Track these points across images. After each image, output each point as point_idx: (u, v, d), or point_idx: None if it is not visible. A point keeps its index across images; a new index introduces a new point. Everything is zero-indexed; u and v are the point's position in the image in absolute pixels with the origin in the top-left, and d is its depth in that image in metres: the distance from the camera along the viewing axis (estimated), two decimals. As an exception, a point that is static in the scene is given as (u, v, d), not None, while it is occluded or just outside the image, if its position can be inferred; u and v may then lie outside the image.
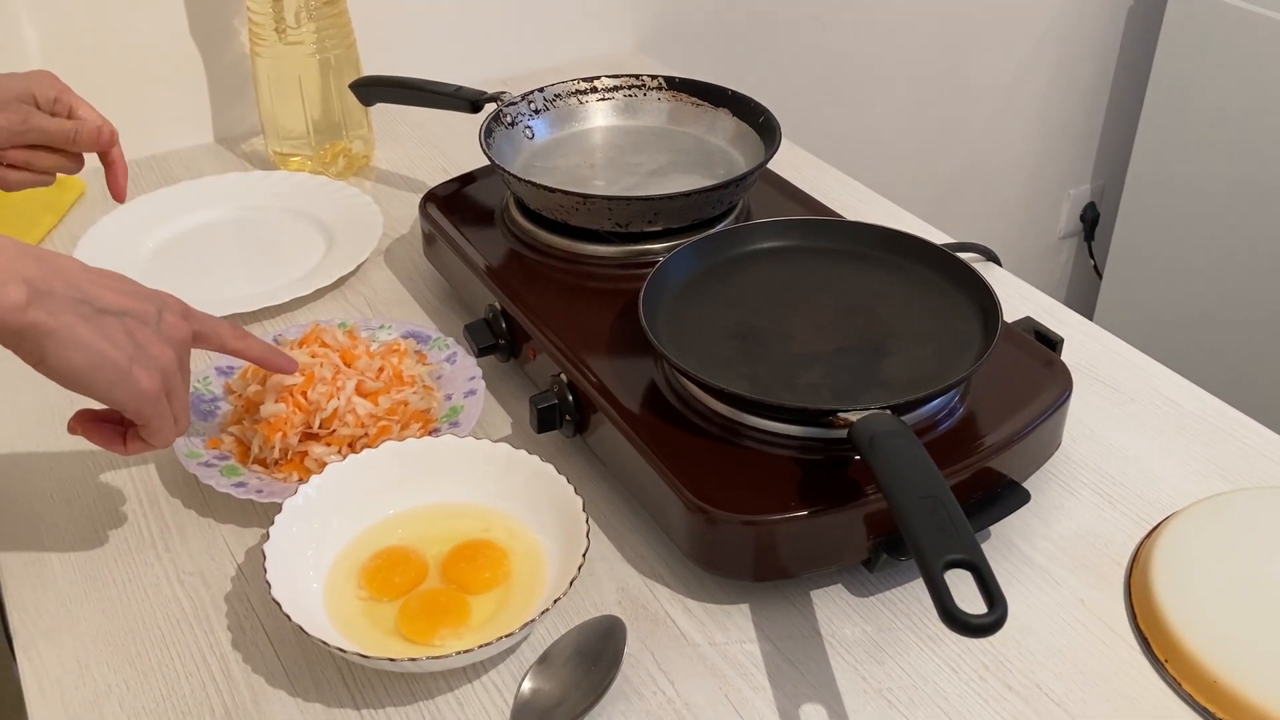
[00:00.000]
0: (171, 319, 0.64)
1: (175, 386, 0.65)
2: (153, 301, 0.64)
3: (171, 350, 0.64)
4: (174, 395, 0.65)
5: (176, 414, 0.66)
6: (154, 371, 0.62)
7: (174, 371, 0.64)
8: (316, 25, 1.06)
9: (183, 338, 0.65)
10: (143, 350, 0.62)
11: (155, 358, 0.62)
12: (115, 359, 0.60)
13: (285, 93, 1.09)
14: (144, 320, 0.62)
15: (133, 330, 0.61)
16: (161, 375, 0.63)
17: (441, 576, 0.66)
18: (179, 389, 0.65)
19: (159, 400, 0.63)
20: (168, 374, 0.63)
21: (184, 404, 0.66)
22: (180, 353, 0.65)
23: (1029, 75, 1.76)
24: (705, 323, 0.75)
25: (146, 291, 0.64)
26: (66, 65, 1.10)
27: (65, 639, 0.66)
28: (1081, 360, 0.85)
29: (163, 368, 0.63)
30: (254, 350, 0.71)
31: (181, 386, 0.65)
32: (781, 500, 0.64)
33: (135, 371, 0.61)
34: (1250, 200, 1.64)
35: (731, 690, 0.63)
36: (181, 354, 0.65)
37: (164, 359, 0.63)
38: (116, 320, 0.61)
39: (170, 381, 0.64)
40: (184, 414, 0.67)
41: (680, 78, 0.99)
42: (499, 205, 0.92)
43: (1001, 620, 0.52)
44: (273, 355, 0.72)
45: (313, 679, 0.64)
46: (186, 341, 0.65)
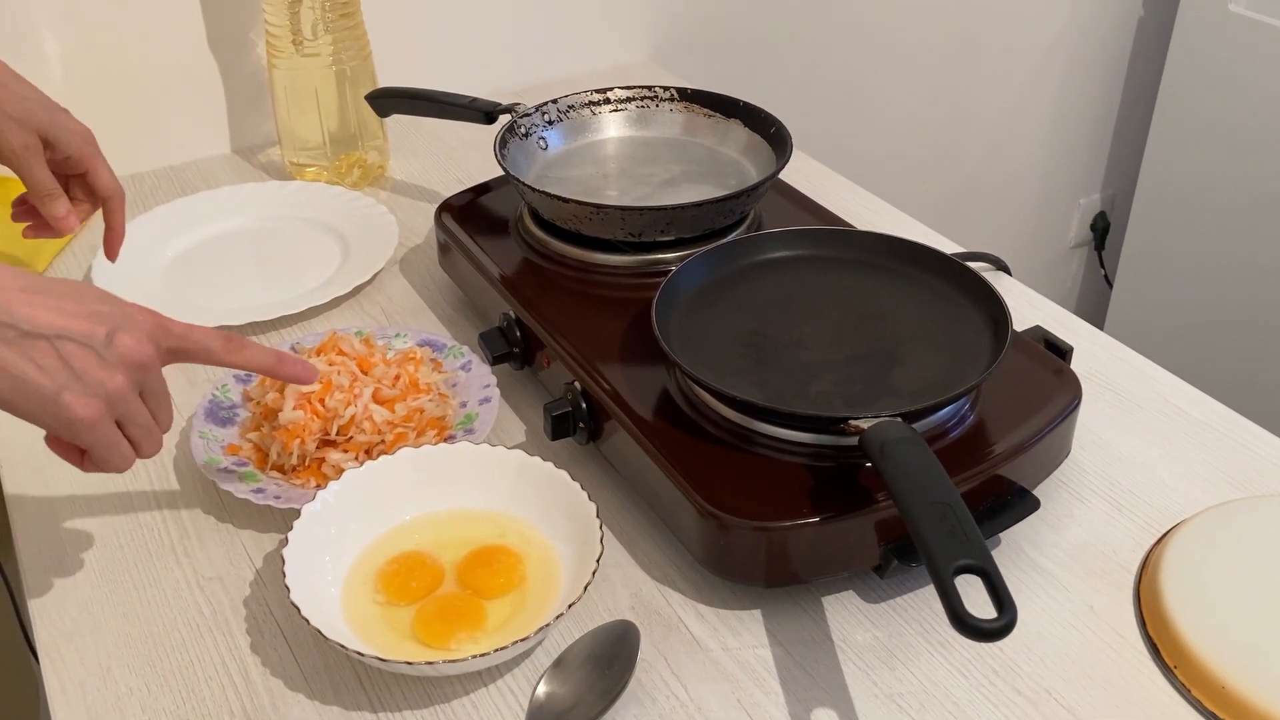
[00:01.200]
0: (127, 340, 0.60)
1: (129, 412, 0.61)
2: (105, 322, 0.59)
3: (121, 374, 0.59)
4: (128, 421, 0.61)
5: (136, 439, 0.62)
6: (91, 398, 0.58)
7: (121, 398, 0.60)
8: (333, 37, 1.07)
9: (139, 359, 0.60)
10: (78, 376, 0.58)
11: (97, 383, 0.58)
12: (39, 384, 0.57)
13: (302, 104, 1.10)
14: (86, 342, 0.58)
15: (69, 355, 0.58)
16: (104, 401, 0.59)
17: (457, 581, 0.67)
18: (134, 414, 0.61)
19: (97, 428, 0.59)
20: (113, 399, 0.59)
21: (146, 428, 0.62)
22: (136, 375, 0.60)
23: (1039, 85, 1.77)
24: (717, 331, 0.75)
25: (101, 310, 0.60)
26: (86, 77, 1.12)
27: (87, 642, 0.67)
28: (1091, 369, 0.86)
29: (107, 394, 0.59)
30: (258, 360, 0.67)
31: (138, 411, 0.61)
32: (793, 507, 0.65)
33: (65, 398, 0.58)
34: (1261, 209, 1.64)
35: (744, 695, 0.63)
36: (138, 376, 0.61)
37: (110, 384, 0.59)
38: (47, 344, 0.57)
39: (120, 407, 0.60)
40: (147, 439, 0.63)
41: (692, 89, 1.00)
42: (513, 215, 0.93)
43: (1011, 625, 0.52)
44: (283, 364, 0.69)
45: (330, 682, 0.64)
46: (146, 363, 0.61)
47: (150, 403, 0.63)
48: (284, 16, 1.06)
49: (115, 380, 0.59)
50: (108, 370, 0.59)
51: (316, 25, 1.06)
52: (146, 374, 0.61)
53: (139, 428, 0.62)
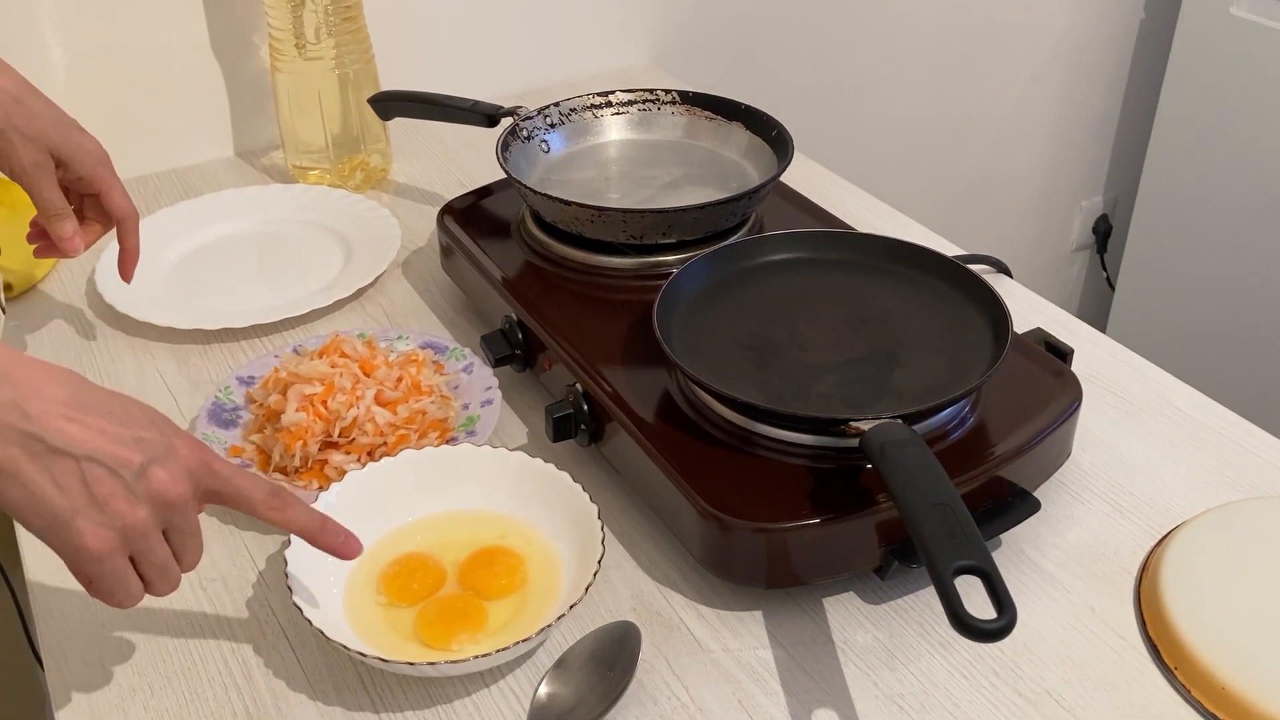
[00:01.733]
0: (161, 474, 0.55)
1: (145, 550, 0.56)
2: (143, 450, 0.55)
3: (146, 509, 0.55)
4: (143, 559, 0.56)
5: (149, 577, 0.57)
6: (105, 530, 0.54)
7: (142, 535, 0.55)
8: (336, 41, 1.08)
9: (170, 497, 0.56)
10: (98, 504, 0.54)
11: (116, 514, 0.54)
12: (55, 504, 0.53)
13: (305, 107, 1.10)
14: (115, 469, 0.54)
15: (94, 479, 0.53)
16: (118, 534, 0.54)
17: (459, 582, 0.68)
18: (152, 554, 0.56)
19: (104, 561, 0.55)
20: (130, 534, 0.55)
21: (162, 568, 0.57)
22: (162, 514, 0.56)
23: (1041, 88, 1.77)
24: (718, 333, 0.76)
25: (144, 438, 0.55)
26: (90, 81, 1.13)
27: (90, 643, 0.68)
28: (1092, 371, 0.86)
29: (124, 526, 0.54)
30: (300, 522, 0.61)
31: (156, 550, 0.56)
32: (794, 508, 0.65)
33: (78, 524, 0.53)
34: (1262, 212, 1.64)
35: (745, 696, 0.63)
36: (164, 515, 0.56)
37: (128, 519, 0.54)
38: (73, 463, 0.53)
39: (137, 544, 0.55)
40: (161, 579, 0.58)
41: (694, 92, 1.00)
42: (515, 218, 0.93)
43: (1011, 625, 0.53)
44: (326, 532, 0.62)
45: (333, 683, 0.65)
46: (177, 503, 0.56)
47: (174, 541, 0.58)
48: (287, 20, 1.06)
49: (137, 515, 0.55)
50: (132, 503, 0.55)
51: (319, 29, 1.07)
52: (174, 512, 0.57)
53: (154, 567, 0.57)
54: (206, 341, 0.93)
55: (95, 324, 0.96)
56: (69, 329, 0.95)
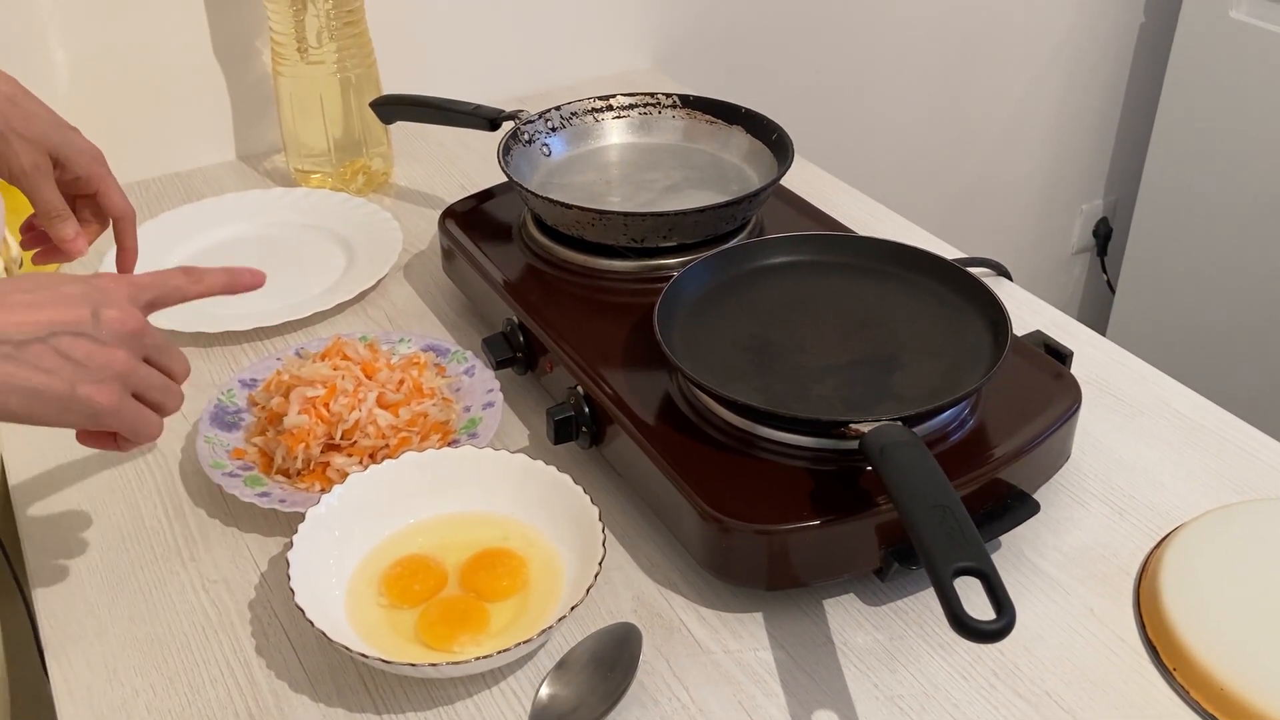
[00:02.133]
0: (112, 313, 0.58)
1: (142, 381, 0.60)
2: (86, 303, 0.58)
3: (122, 349, 0.58)
4: (145, 389, 0.60)
5: (157, 402, 0.61)
6: (104, 383, 0.58)
7: (131, 370, 0.59)
8: (338, 45, 1.08)
9: (132, 328, 0.59)
10: (85, 366, 0.57)
11: (104, 366, 0.57)
12: (54, 388, 0.56)
13: (307, 111, 1.11)
14: (79, 330, 0.57)
15: (67, 349, 0.56)
16: (116, 381, 0.58)
17: (461, 584, 0.68)
18: (148, 380, 0.60)
19: (120, 409, 0.59)
20: (124, 376, 0.59)
21: (164, 388, 0.61)
22: (135, 343, 0.59)
23: (1041, 91, 1.78)
24: (719, 336, 0.76)
25: (76, 291, 0.58)
26: (93, 85, 1.13)
27: (94, 645, 0.68)
28: (1091, 373, 0.86)
29: (116, 373, 0.58)
30: (217, 281, 0.66)
31: (150, 376, 0.61)
32: (794, 510, 0.65)
33: (81, 392, 0.57)
34: (1262, 214, 1.64)
35: (745, 697, 0.64)
36: (137, 343, 0.60)
37: (115, 364, 0.58)
38: (44, 345, 0.56)
39: (132, 380, 0.59)
40: (167, 397, 0.62)
41: (694, 96, 1.01)
42: (516, 221, 0.94)
43: (1010, 626, 0.53)
44: (236, 276, 0.68)
45: (335, 685, 0.65)
46: (139, 329, 0.60)
47: (158, 360, 0.61)
48: (289, 25, 1.07)
49: (119, 357, 0.58)
50: (108, 350, 0.58)
51: (321, 33, 1.07)
52: (142, 337, 0.60)
53: (157, 390, 0.61)
54: (209, 344, 0.93)
55: (98, 327, 0.96)
56: (72, 332, 0.95)
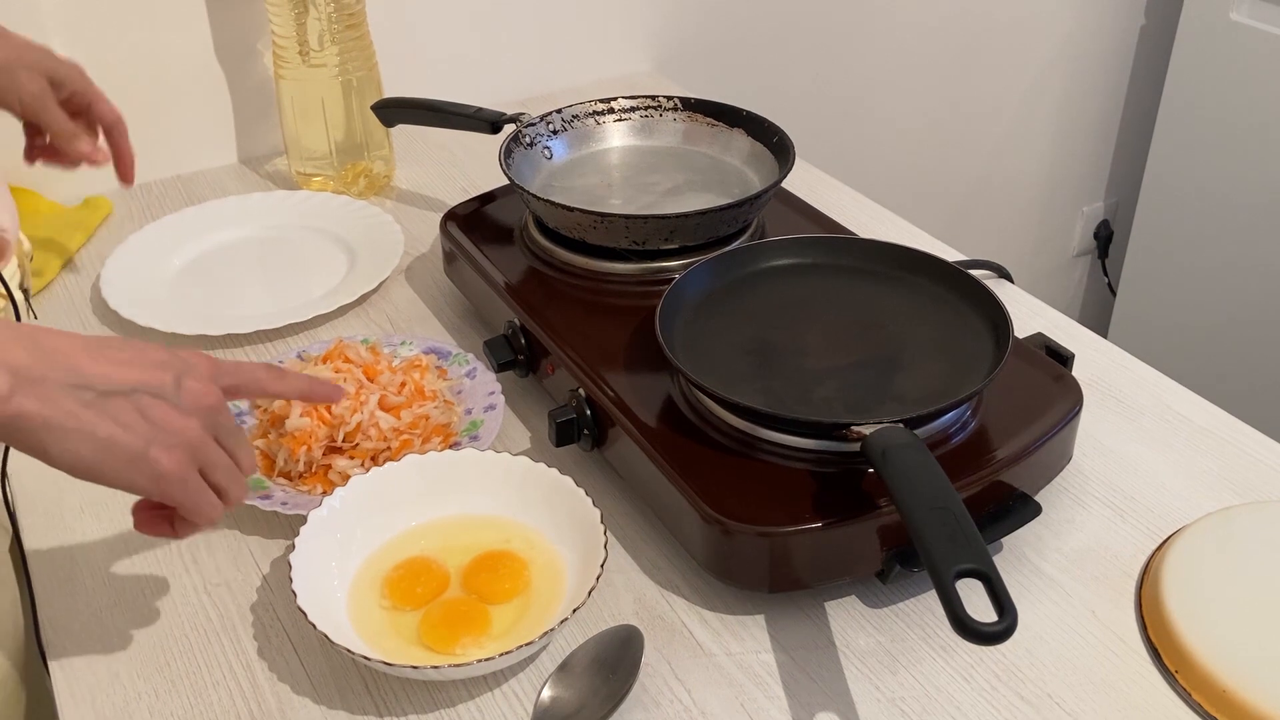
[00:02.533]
0: (194, 384, 0.58)
1: (210, 458, 0.59)
2: (170, 369, 0.58)
3: (197, 420, 0.58)
4: (211, 467, 0.59)
5: (221, 485, 0.60)
6: (175, 450, 0.57)
7: (202, 444, 0.58)
8: (339, 48, 1.08)
9: (211, 403, 0.59)
10: (160, 428, 0.56)
11: (177, 433, 0.57)
12: (127, 444, 0.55)
13: (308, 114, 1.11)
14: (160, 393, 0.57)
15: (146, 408, 0.56)
16: (186, 451, 0.57)
17: (463, 586, 0.68)
18: (216, 459, 0.59)
19: (185, 478, 0.57)
20: (195, 448, 0.58)
21: (229, 471, 0.60)
22: (210, 419, 0.59)
23: (1042, 94, 1.78)
24: (720, 338, 0.76)
25: (162, 358, 0.58)
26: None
27: (96, 648, 0.68)
28: (1093, 375, 0.86)
29: (187, 442, 0.57)
30: (296, 387, 0.66)
31: (218, 455, 0.59)
32: (796, 512, 0.65)
33: (153, 454, 0.56)
34: (1263, 217, 1.64)
35: (747, 699, 0.64)
36: (212, 420, 0.59)
37: (188, 433, 0.57)
38: (126, 400, 0.55)
39: (201, 454, 0.58)
40: (232, 483, 0.60)
41: (695, 98, 1.01)
42: (518, 224, 0.94)
43: (1011, 628, 0.53)
44: (316, 386, 0.67)
45: (337, 687, 0.65)
46: (216, 406, 0.59)
47: (227, 443, 0.60)
48: (291, 28, 1.07)
49: (192, 427, 0.57)
50: (184, 418, 0.57)
51: (323, 36, 1.07)
52: (218, 415, 0.59)
53: (222, 471, 0.60)
54: (210, 347, 0.93)
55: (100, 330, 0.96)
56: (74, 335, 0.96)
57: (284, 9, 1.06)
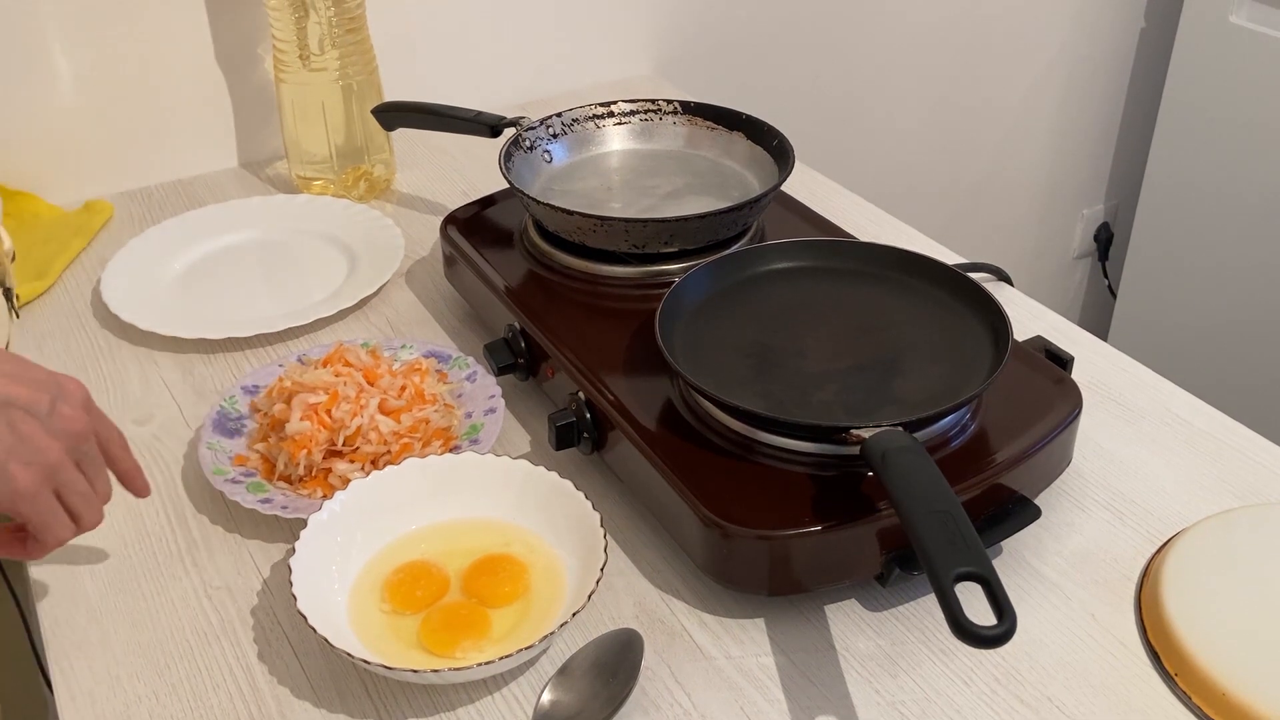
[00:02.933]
0: (67, 410, 0.60)
1: (68, 481, 0.60)
2: (47, 391, 0.59)
3: (61, 444, 0.59)
4: (68, 491, 0.61)
5: (76, 509, 0.62)
6: (34, 467, 0.58)
7: (61, 466, 0.60)
8: (340, 52, 1.08)
9: (78, 429, 0.60)
10: (24, 443, 0.58)
11: (39, 451, 0.58)
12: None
13: (309, 118, 1.11)
14: (32, 411, 0.58)
15: (15, 422, 0.57)
16: (44, 470, 0.59)
17: (463, 590, 0.68)
18: (74, 483, 0.61)
19: (37, 498, 0.59)
20: (54, 469, 0.59)
21: (85, 497, 0.62)
22: (74, 445, 0.60)
23: (1042, 97, 1.78)
24: (720, 342, 0.76)
25: (42, 378, 0.59)
26: (97, 92, 1.14)
27: (96, 651, 0.68)
28: (1092, 378, 0.86)
29: (47, 462, 0.59)
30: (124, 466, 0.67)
31: (76, 480, 0.61)
32: (795, 516, 0.65)
33: (11, 468, 0.57)
34: (1263, 219, 1.64)
35: (747, 703, 0.64)
36: (75, 445, 0.60)
37: (50, 453, 0.59)
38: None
39: (59, 476, 0.60)
40: (87, 508, 0.62)
41: (695, 102, 1.01)
42: (518, 227, 0.94)
43: (1011, 632, 0.53)
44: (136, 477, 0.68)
45: (337, 690, 0.65)
46: (83, 434, 0.61)
47: (88, 471, 0.62)
48: (291, 32, 1.07)
49: (55, 449, 0.59)
50: (49, 439, 0.59)
51: (323, 40, 1.07)
52: (83, 443, 0.61)
53: (79, 496, 0.61)
54: (211, 351, 0.93)
55: (101, 333, 0.96)
56: (75, 338, 0.96)
57: (284, 13, 1.06)
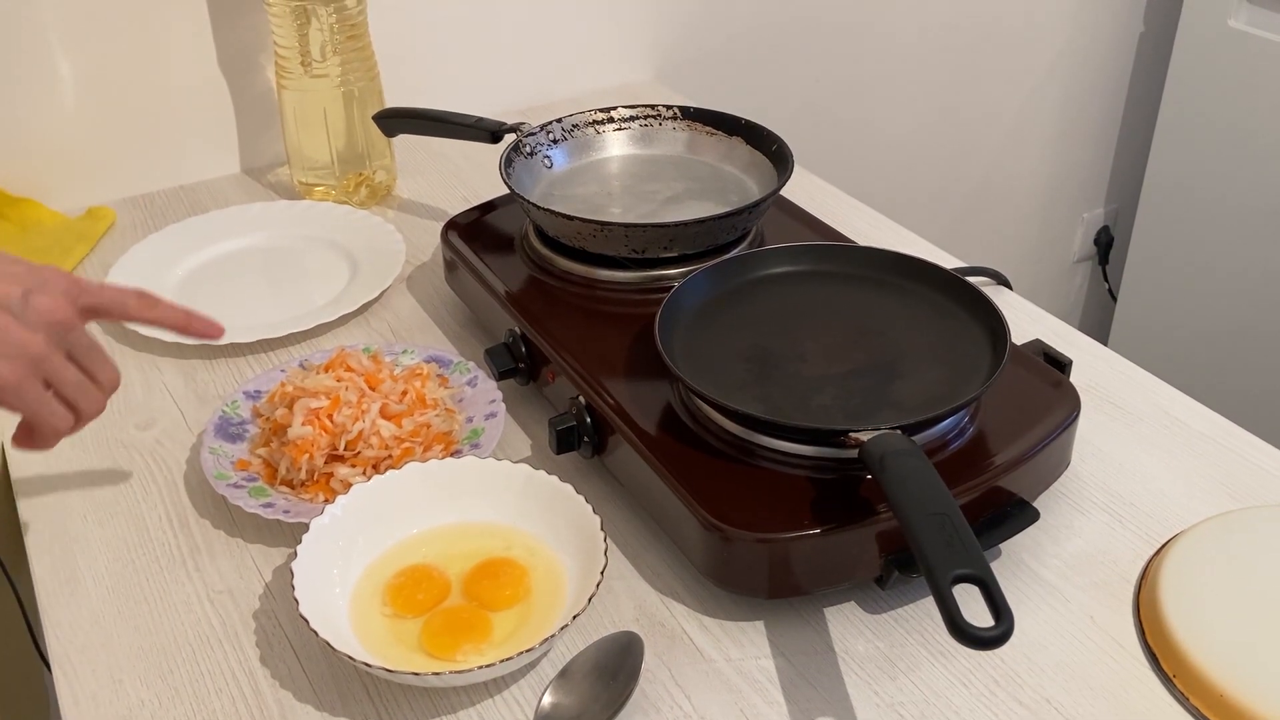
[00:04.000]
0: (43, 300, 0.60)
1: (55, 370, 0.61)
2: (19, 283, 0.59)
3: (40, 335, 0.59)
4: (60, 382, 0.61)
5: (71, 398, 0.62)
6: (10, 361, 0.59)
7: (46, 358, 0.60)
8: (341, 59, 1.09)
9: (60, 319, 0.60)
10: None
11: (16, 344, 0.59)
12: None
13: (310, 124, 1.12)
14: (3, 306, 0.59)
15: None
16: (27, 363, 0.59)
17: (464, 594, 0.68)
18: (63, 374, 0.61)
19: (22, 389, 0.60)
20: (37, 360, 0.60)
21: (79, 386, 0.62)
22: (57, 334, 0.60)
23: (1042, 100, 1.78)
24: (719, 346, 0.76)
25: (15, 272, 0.60)
26: (99, 99, 1.14)
27: (99, 655, 0.68)
28: (1091, 382, 0.87)
29: (29, 354, 0.59)
30: (169, 318, 0.67)
31: (65, 368, 0.61)
32: (795, 519, 0.65)
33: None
34: (1263, 222, 1.65)
35: (747, 705, 0.64)
36: (59, 336, 0.61)
37: (31, 346, 0.59)
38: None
39: (45, 366, 0.60)
40: (83, 397, 0.62)
41: (695, 107, 1.01)
42: (518, 233, 0.94)
43: (1008, 633, 0.53)
44: (194, 320, 0.68)
45: (339, 694, 0.65)
46: (66, 322, 0.61)
47: (83, 360, 0.62)
48: (293, 39, 1.07)
49: (35, 342, 0.59)
50: (26, 332, 0.59)
51: (325, 47, 1.08)
52: (68, 331, 0.61)
53: (71, 386, 0.62)
54: (213, 356, 0.94)
55: (103, 339, 0.97)
56: (77, 344, 0.96)
57: (286, 20, 1.07)
